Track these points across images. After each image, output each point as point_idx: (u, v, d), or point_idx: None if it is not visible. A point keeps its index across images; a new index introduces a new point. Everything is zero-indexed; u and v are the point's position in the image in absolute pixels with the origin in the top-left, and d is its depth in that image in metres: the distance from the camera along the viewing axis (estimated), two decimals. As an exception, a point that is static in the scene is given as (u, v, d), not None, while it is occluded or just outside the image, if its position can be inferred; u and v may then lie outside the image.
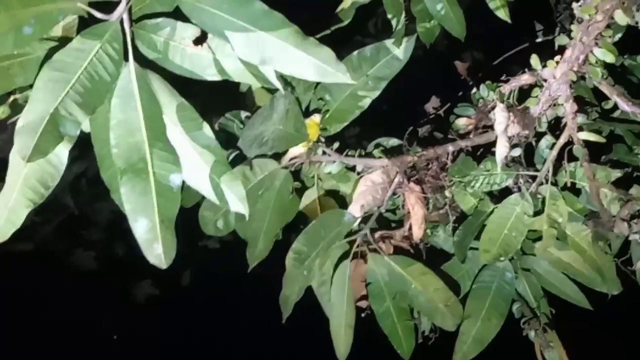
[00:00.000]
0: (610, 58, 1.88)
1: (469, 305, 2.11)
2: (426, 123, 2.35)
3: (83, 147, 1.56)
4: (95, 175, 1.60)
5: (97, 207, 3.81)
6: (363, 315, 2.09)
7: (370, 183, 2.07)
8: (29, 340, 3.66)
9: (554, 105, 2.03)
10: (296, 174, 2.10)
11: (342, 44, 1.98)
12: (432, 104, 2.41)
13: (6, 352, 3.58)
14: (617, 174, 2.00)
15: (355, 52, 2.04)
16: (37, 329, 3.69)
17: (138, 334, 3.79)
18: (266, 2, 1.41)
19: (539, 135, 2.08)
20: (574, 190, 2.06)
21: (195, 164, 1.57)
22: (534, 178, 2.06)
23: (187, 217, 1.93)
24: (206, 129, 1.56)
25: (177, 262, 1.52)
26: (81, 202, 3.77)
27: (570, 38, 1.91)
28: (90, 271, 3.88)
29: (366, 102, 2.06)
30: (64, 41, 1.45)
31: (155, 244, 1.50)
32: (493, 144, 2.05)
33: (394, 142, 2.15)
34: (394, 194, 2.10)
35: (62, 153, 1.53)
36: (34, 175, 1.53)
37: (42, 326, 3.71)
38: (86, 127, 1.54)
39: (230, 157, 1.99)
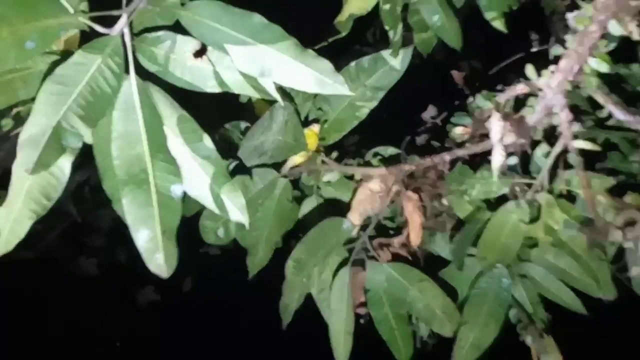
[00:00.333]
0: (604, 68, 1.90)
1: (467, 311, 2.13)
2: (424, 132, 2.38)
3: (85, 155, 1.58)
4: (97, 182, 1.62)
5: (99, 214, 3.84)
6: (362, 321, 2.11)
7: (369, 191, 2.09)
8: (33, 346, 3.68)
9: (550, 114, 2.05)
10: (295, 183, 2.13)
11: (340, 54, 2.01)
12: (430, 113, 2.43)
13: (10, 357, 3.59)
14: (611, 181, 2.01)
15: (353, 63, 2.06)
16: (40, 335, 3.71)
17: (140, 340, 3.81)
18: (265, 15, 1.43)
19: (535, 144, 2.10)
20: (570, 197, 2.08)
21: (195, 174, 1.59)
22: (530, 186, 2.08)
23: (188, 225, 1.96)
24: (207, 140, 1.59)
25: (178, 269, 1.54)
26: (84, 209, 3.79)
27: (565, 48, 1.93)
28: (93, 278, 3.90)
29: (364, 112, 2.09)
30: (65, 55, 1.47)
31: (156, 254, 1.53)
32: (489, 152, 2.06)
33: (392, 151, 2.18)
34: (392, 202, 2.13)
35: (64, 165, 1.55)
36: (36, 188, 1.55)
37: (46, 332, 3.72)
38: (89, 138, 1.57)
39: (231, 167, 2.01)
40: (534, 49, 2.64)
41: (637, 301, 2.06)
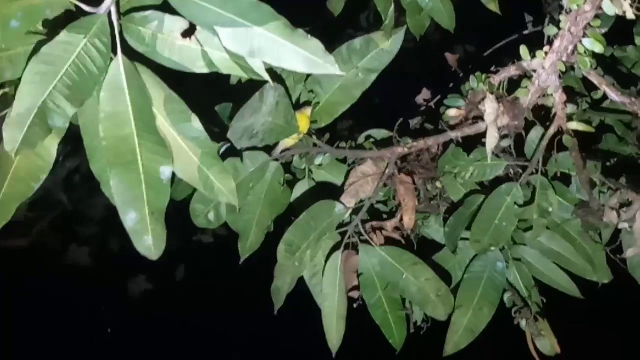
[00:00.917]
0: (598, 48, 1.89)
1: (461, 295, 2.12)
2: (417, 115, 2.35)
3: (76, 143, 1.57)
4: (88, 170, 1.61)
5: (91, 203, 3.82)
6: (355, 306, 2.10)
7: (361, 174, 2.08)
8: (26, 335, 3.66)
9: (544, 95, 2.04)
10: (287, 166, 2.10)
11: (334, 38, 1.99)
12: (423, 96, 2.41)
13: (3, 345, 3.58)
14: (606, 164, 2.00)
15: (344, 45, 2.03)
16: (33, 323, 3.70)
17: (133, 327, 3.79)
18: (255, -5, 1.41)
19: (529, 126, 2.09)
20: (565, 179, 2.07)
21: (185, 156, 1.58)
22: (524, 168, 2.07)
23: (180, 213, 1.94)
24: (195, 121, 1.57)
25: (171, 257, 1.53)
26: (75, 198, 3.77)
27: (559, 29, 1.92)
28: (85, 266, 3.89)
29: (357, 95, 2.06)
30: (52, 34, 1.45)
31: (145, 236, 1.52)
32: (483, 134, 2.05)
33: (384, 133, 2.16)
34: (385, 185, 2.11)
35: (51, 146, 1.54)
36: (23, 169, 1.54)
37: (39, 321, 3.71)
38: (77, 120, 1.56)
39: (222, 150, 1.99)
40: (528, 31, 2.61)
41: (632, 283, 2.05)
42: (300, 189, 2.13)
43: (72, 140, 1.54)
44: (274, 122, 1.89)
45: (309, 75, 2.05)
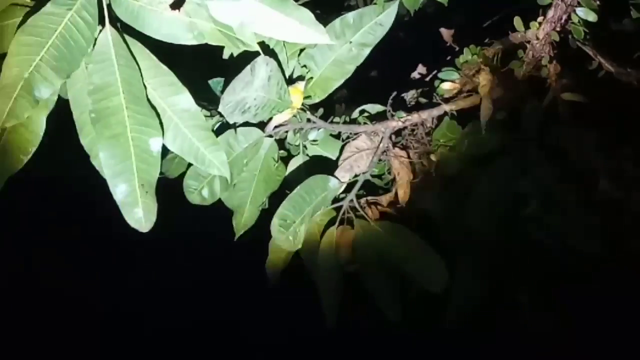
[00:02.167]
0: (592, 17, 1.88)
1: (458, 268, 2.10)
2: (412, 89, 2.34)
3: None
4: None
5: (91, 187, 3.80)
6: (351, 280, 2.09)
7: (355, 149, 2.07)
8: (27, 318, 3.68)
9: (539, 67, 2.03)
10: (281, 142, 2.09)
11: (327, 17, 1.98)
12: (419, 72, 2.40)
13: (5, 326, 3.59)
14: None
15: (337, 19, 2.01)
16: (35, 306, 3.71)
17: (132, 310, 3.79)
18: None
19: (524, 98, 2.07)
20: (560, 151, 2.05)
21: (175, 128, 1.58)
22: (520, 140, 2.06)
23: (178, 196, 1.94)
24: (185, 93, 1.57)
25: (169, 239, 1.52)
26: (76, 180, 3.75)
27: (553, -1, 1.91)
28: (86, 252, 3.88)
29: (350, 69, 2.04)
30: (38, 6, 1.45)
31: (135, 208, 1.52)
32: (478, 107, 2.04)
33: (378, 108, 2.15)
34: (379, 159, 2.10)
35: (40, 119, 1.54)
36: (13, 142, 1.54)
37: (39, 298, 3.72)
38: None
39: (217, 126, 1.98)
40: (523, 3, 2.59)
41: (632, 255, 2.04)
42: (295, 164, 2.12)
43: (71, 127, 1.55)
44: (267, 97, 1.87)
45: (302, 50, 2.03)
